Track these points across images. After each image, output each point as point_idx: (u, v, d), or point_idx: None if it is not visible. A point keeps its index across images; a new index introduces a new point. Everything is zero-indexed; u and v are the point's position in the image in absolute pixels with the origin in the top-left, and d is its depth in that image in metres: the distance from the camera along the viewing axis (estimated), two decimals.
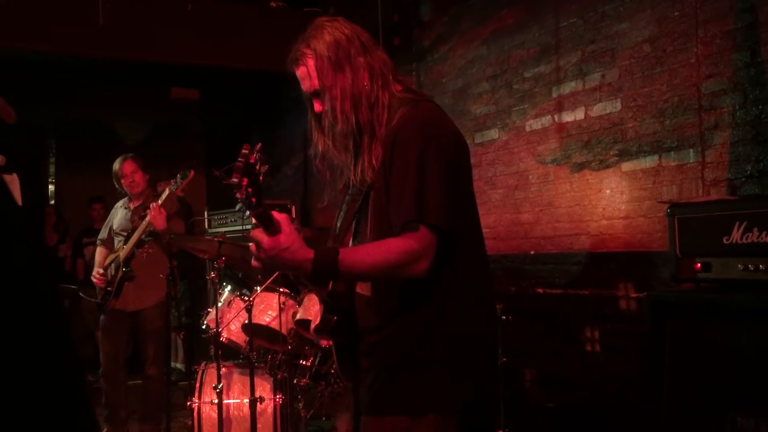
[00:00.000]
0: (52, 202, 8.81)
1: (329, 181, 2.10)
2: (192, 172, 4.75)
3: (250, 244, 1.85)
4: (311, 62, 1.99)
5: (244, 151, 1.68)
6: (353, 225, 2.09)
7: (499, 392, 4.10)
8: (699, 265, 2.73)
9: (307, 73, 2.00)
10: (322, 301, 2.11)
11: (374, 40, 2.07)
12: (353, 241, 2.10)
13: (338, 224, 2.12)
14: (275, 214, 1.79)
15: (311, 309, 3.86)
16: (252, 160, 1.67)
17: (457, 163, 1.99)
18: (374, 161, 1.96)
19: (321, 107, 2.02)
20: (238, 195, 1.66)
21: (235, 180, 1.65)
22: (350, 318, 2.05)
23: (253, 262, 1.87)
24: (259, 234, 1.79)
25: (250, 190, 1.67)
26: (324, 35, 1.98)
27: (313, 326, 2.17)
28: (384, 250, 1.86)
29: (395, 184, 1.90)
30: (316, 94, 2.03)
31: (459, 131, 2.08)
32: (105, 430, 5.03)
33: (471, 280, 2.01)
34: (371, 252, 1.88)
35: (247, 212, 1.78)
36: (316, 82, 2.00)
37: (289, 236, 1.79)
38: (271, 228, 1.78)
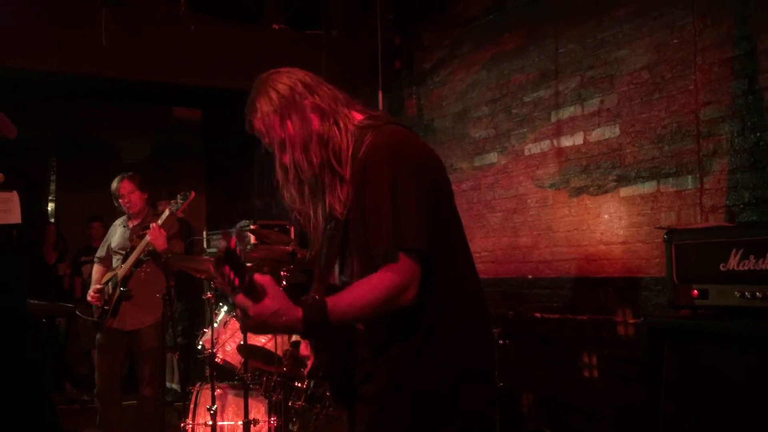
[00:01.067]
0: (52, 220, 8.82)
1: (307, 228, 2.09)
2: (192, 194, 4.74)
3: (237, 310, 1.85)
4: (258, 122, 2.01)
5: (222, 240, 1.71)
6: (337, 261, 2.08)
7: (496, 417, 4.07)
8: (696, 291, 2.72)
9: (260, 132, 2.02)
10: (311, 342, 2.09)
11: (319, 78, 2.06)
12: (340, 277, 2.09)
13: (322, 261, 2.08)
14: (258, 277, 1.77)
15: None
16: (233, 246, 1.70)
17: (431, 180, 1.95)
18: (340, 196, 1.96)
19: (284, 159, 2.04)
20: (220, 287, 1.72)
21: (219, 274, 1.71)
22: (341, 353, 2.03)
23: (242, 328, 1.89)
24: (244, 301, 1.75)
25: (231, 275, 1.70)
26: (267, 91, 1.98)
27: (306, 370, 2.15)
28: (369, 289, 1.84)
29: (370, 213, 1.88)
30: (278, 148, 2.05)
31: (429, 148, 2.05)
32: None
33: (461, 301, 1.98)
34: (357, 294, 1.85)
35: (232, 297, 1.81)
36: (266, 139, 2.02)
37: (274, 299, 1.76)
38: (255, 294, 1.76)
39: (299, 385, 4.07)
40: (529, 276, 4.87)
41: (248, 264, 4.81)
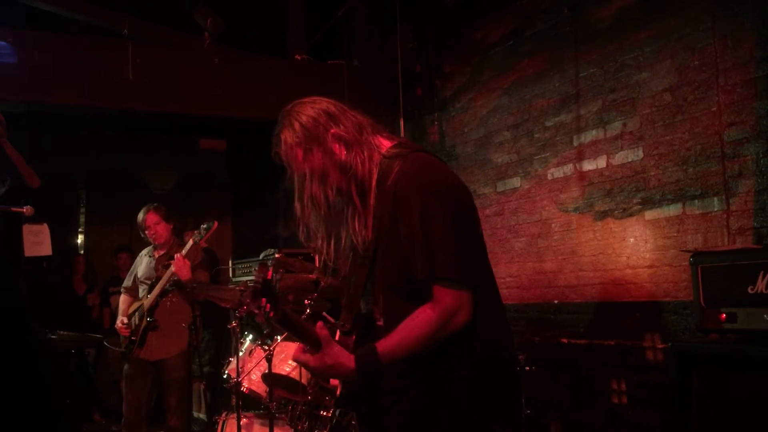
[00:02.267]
0: (82, 251, 8.94)
1: (326, 252, 2.09)
2: (216, 223, 4.78)
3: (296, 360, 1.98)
4: (283, 154, 2.02)
5: (260, 272, 1.81)
6: (363, 290, 2.08)
7: None
8: (724, 315, 2.68)
9: (286, 163, 2.04)
10: None
11: (344, 106, 2.06)
12: (366, 306, 2.09)
13: (351, 290, 2.09)
14: (318, 331, 1.88)
15: None
16: (269, 277, 1.80)
17: (459, 207, 1.95)
18: (362, 226, 1.97)
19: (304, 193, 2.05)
20: (257, 319, 1.81)
21: (255, 306, 1.81)
22: (368, 382, 2.02)
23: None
24: (302, 357, 1.93)
25: (267, 307, 1.80)
26: (291, 123, 1.99)
27: (334, 400, 2.17)
28: (414, 328, 1.86)
29: (406, 246, 1.88)
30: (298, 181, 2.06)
31: (455, 175, 2.05)
32: None
33: (487, 332, 1.96)
34: (404, 335, 1.87)
35: (267, 330, 1.94)
36: (292, 170, 2.03)
37: (329, 353, 1.88)
38: (298, 331, 1.88)
39: (324, 414, 4.05)
40: (554, 301, 4.82)
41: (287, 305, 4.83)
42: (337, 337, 1.99)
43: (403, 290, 1.91)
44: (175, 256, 4.80)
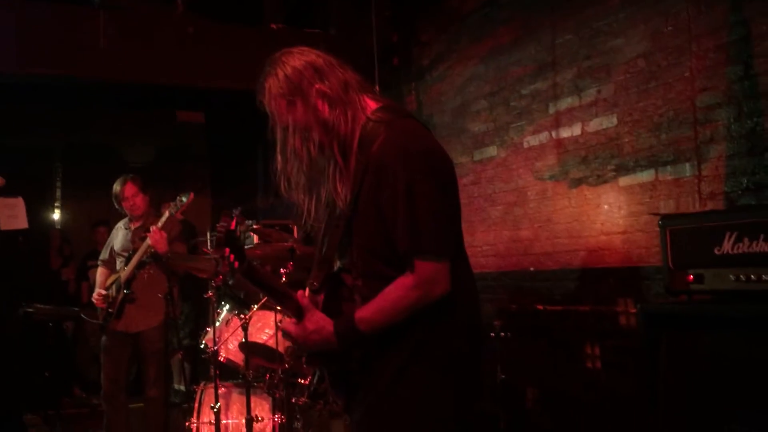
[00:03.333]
0: (58, 226, 8.87)
1: (302, 216, 2.07)
2: (192, 195, 4.74)
3: (273, 325, 2.00)
4: (267, 103, 1.99)
5: (222, 223, 1.76)
6: (336, 250, 2.08)
7: (498, 411, 4.07)
8: (691, 276, 2.71)
9: (269, 113, 2.01)
10: None
11: (335, 60, 2.01)
12: (339, 263, 2.09)
13: (323, 249, 2.09)
14: (299, 299, 1.94)
15: None
16: (233, 227, 1.80)
17: (443, 178, 1.95)
18: (342, 186, 1.95)
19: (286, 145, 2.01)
20: (220, 269, 1.81)
21: (218, 254, 1.82)
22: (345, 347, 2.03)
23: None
24: (287, 325, 1.97)
25: (231, 257, 1.81)
26: (276, 72, 1.96)
27: (306, 357, 2.16)
28: (392, 298, 1.88)
29: (387, 214, 1.88)
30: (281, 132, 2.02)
31: (440, 145, 2.04)
32: None
33: (462, 296, 1.99)
34: (382, 304, 1.89)
35: (231, 280, 1.92)
36: (275, 120, 2.00)
37: (311, 320, 1.93)
38: (268, 287, 1.94)
39: (302, 381, 4.08)
40: (530, 269, 4.86)
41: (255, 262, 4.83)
42: (306, 294, 2.00)
43: (383, 254, 1.92)
44: (151, 228, 4.77)
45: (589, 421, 4.35)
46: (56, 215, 9.03)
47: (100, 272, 5.32)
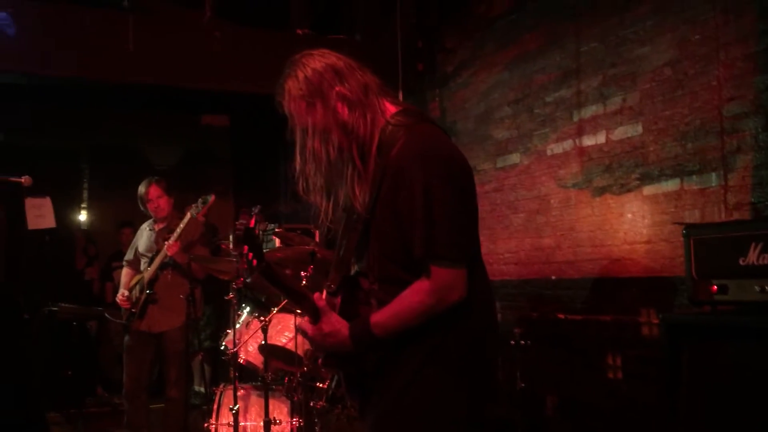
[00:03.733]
0: (84, 227, 8.98)
1: (324, 208, 2.05)
2: (213, 197, 4.78)
3: (293, 327, 2.01)
4: (286, 104, 1.99)
5: (242, 221, 1.77)
6: (355, 252, 2.08)
7: (518, 419, 4.05)
8: (715, 287, 2.67)
9: (288, 114, 2.00)
10: None
11: (355, 63, 2.01)
12: (356, 266, 2.09)
13: (341, 252, 2.09)
14: (316, 300, 1.95)
15: None
16: (252, 225, 1.80)
17: (461, 183, 1.94)
18: (359, 189, 1.95)
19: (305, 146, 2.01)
20: (238, 266, 1.80)
21: (237, 252, 1.82)
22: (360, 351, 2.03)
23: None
24: (304, 324, 1.99)
25: (250, 255, 1.81)
26: (296, 74, 1.96)
27: (321, 360, 2.16)
28: (411, 300, 1.88)
29: (405, 219, 1.88)
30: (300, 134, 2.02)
31: (458, 150, 2.03)
32: None
33: (478, 302, 1.98)
34: (397, 309, 1.89)
35: (249, 279, 1.92)
36: (295, 122, 1.99)
37: (327, 322, 1.94)
38: (287, 289, 1.94)
39: (320, 385, 4.08)
40: (552, 277, 4.83)
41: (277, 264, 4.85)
42: (323, 296, 2.01)
43: (400, 259, 1.92)
44: (166, 244, 4.82)
45: (609, 430, 4.31)
46: (82, 216, 9.13)
47: (124, 273, 5.38)
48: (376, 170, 1.94)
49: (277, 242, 5.51)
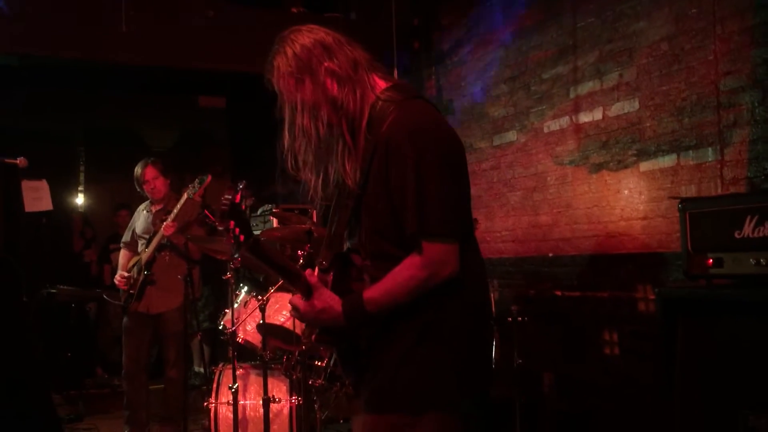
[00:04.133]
0: (81, 209, 8.97)
1: (313, 184, 2.04)
2: (210, 177, 4.77)
3: (289, 305, 2.02)
4: (275, 81, 1.98)
5: (227, 196, 1.77)
6: (346, 228, 2.07)
7: (516, 396, 4.07)
8: (711, 260, 2.68)
9: (278, 91, 1.99)
10: None
11: (344, 38, 1.99)
12: (348, 243, 2.09)
13: (333, 229, 2.09)
14: (308, 276, 1.93)
15: None
16: (237, 200, 1.78)
17: (452, 159, 1.93)
18: (349, 165, 1.94)
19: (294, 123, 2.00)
20: (226, 241, 1.79)
21: (222, 227, 1.79)
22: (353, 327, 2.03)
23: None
24: (296, 300, 1.97)
25: (237, 230, 1.79)
26: (285, 50, 1.95)
27: (314, 336, 2.16)
28: (403, 276, 1.87)
29: (395, 195, 1.88)
30: (289, 110, 2.01)
31: (450, 126, 2.02)
32: (126, 431, 5.08)
33: (471, 279, 1.98)
34: (390, 285, 1.89)
35: (236, 254, 1.89)
36: (284, 98, 1.98)
37: (319, 299, 1.92)
38: (277, 265, 1.90)
39: (319, 363, 4.09)
40: (549, 254, 4.83)
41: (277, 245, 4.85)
42: (315, 273, 2.00)
43: (392, 235, 1.91)
44: (163, 225, 4.81)
45: (605, 406, 4.33)
46: (79, 199, 9.12)
47: (122, 254, 5.38)
48: (367, 146, 1.93)
49: (275, 222, 5.51)
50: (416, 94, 2.02)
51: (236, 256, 1.95)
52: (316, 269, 2.04)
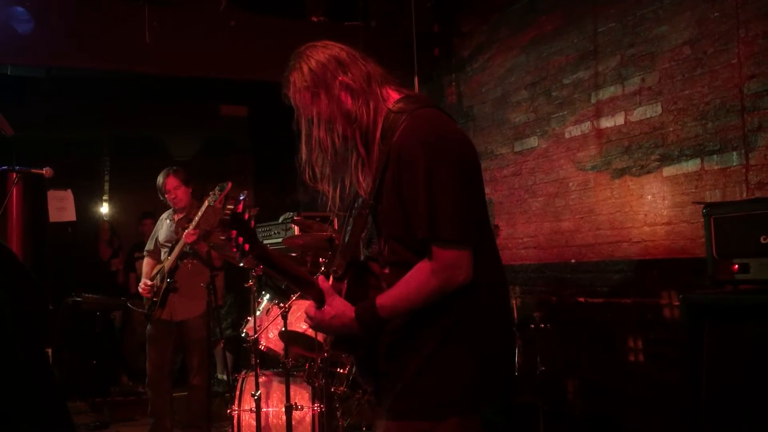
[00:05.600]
0: (106, 218, 9.08)
1: (331, 195, 2.08)
2: (230, 184, 4.80)
3: (306, 313, 2.04)
4: (292, 96, 2.03)
5: (229, 206, 1.81)
6: (362, 239, 2.10)
7: (539, 403, 4.04)
8: (736, 266, 2.64)
9: (295, 106, 2.04)
10: None
11: (358, 53, 2.04)
12: (365, 251, 2.11)
13: (347, 238, 2.11)
14: (321, 283, 1.96)
15: None
16: (240, 209, 1.81)
17: (465, 170, 1.94)
18: (364, 176, 1.98)
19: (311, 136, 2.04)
20: (229, 250, 1.82)
21: (224, 236, 1.82)
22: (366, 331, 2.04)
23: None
24: (309, 308, 2.00)
25: (240, 240, 1.82)
26: (301, 66, 2.00)
27: (331, 342, 2.18)
28: (412, 285, 1.88)
29: (408, 202, 1.89)
30: (306, 124, 2.06)
31: (462, 133, 2.04)
32: None
33: (488, 284, 1.98)
34: (402, 291, 1.90)
35: (242, 263, 1.93)
36: (300, 112, 2.03)
37: (331, 305, 1.95)
38: (287, 273, 1.93)
39: (341, 371, 4.10)
40: (572, 260, 4.80)
41: (293, 254, 4.88)
42: (330, 282, 2.01)
43: (409, 243, 1.92)
44: (184, 233, 4.86)
45: (630, 413, 4.28)
46: (104, 208, 9.24)
47: (146, 263, 5.43)
48: (381, 157, 1.96)
49: (296, 230, 5.54)
50: (428, 103, 2.04)
51: (241, 264, 1.97)
52: (331, 278, 2.05)
